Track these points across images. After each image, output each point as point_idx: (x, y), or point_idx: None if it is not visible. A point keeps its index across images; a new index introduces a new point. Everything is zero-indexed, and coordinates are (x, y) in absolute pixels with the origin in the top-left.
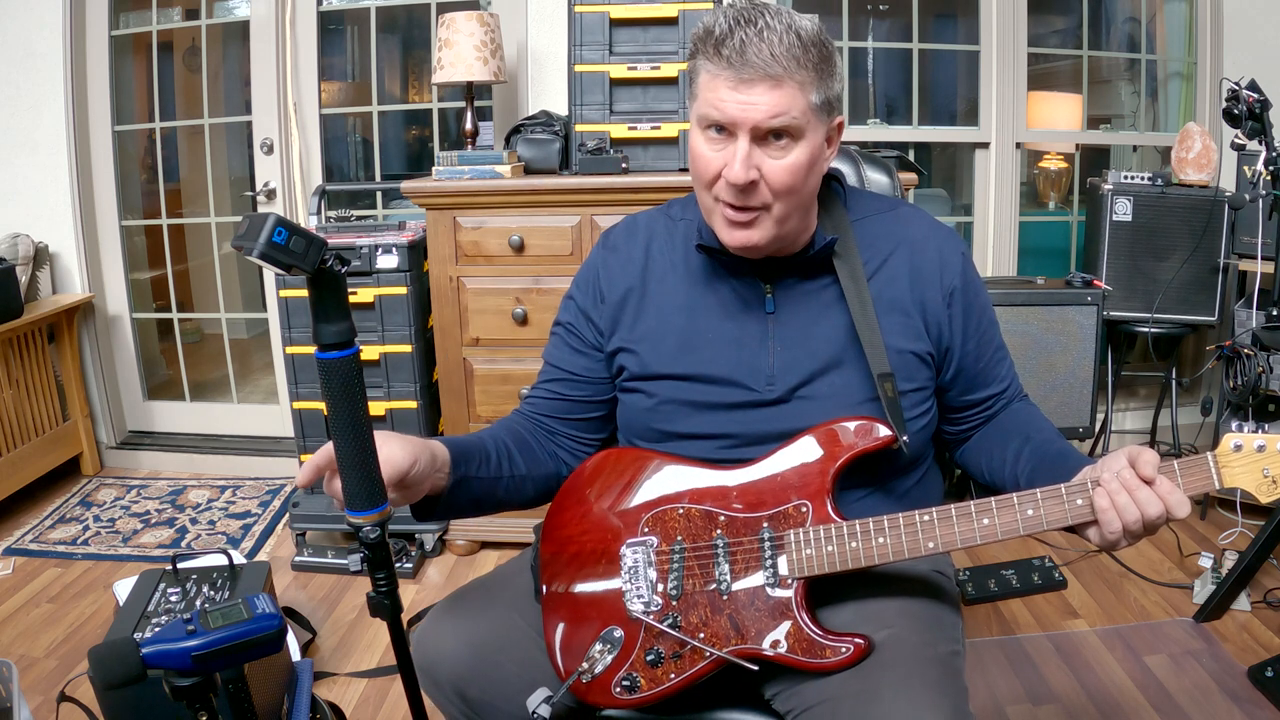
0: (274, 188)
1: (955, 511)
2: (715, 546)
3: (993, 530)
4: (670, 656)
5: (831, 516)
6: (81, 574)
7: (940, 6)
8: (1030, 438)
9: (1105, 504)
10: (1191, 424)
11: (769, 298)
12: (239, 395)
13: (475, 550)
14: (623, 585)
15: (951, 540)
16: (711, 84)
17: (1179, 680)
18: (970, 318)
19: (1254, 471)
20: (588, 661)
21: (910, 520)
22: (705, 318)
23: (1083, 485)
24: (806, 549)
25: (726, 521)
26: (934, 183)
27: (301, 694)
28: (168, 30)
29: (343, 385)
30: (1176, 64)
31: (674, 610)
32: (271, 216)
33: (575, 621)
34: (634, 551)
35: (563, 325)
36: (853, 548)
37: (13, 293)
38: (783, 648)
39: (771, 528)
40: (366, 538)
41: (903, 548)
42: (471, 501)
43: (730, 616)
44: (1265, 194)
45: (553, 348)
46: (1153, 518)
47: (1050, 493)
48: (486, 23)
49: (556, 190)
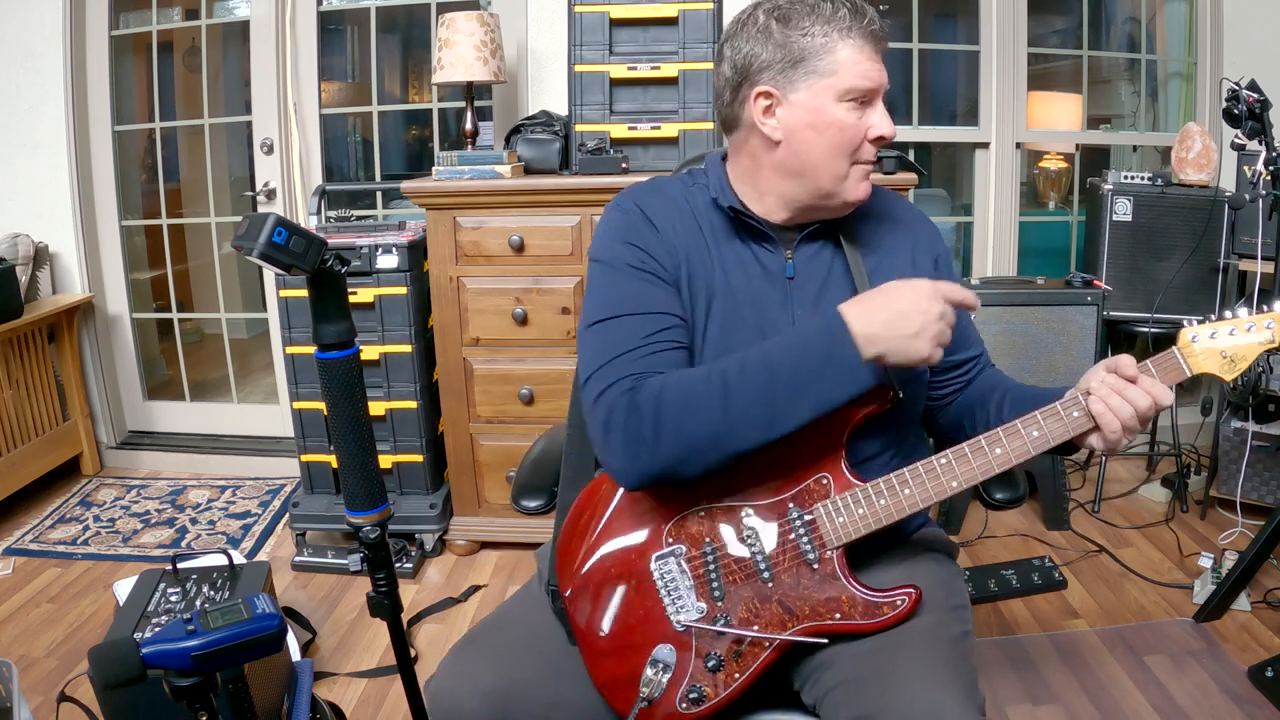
0: (274, 188)
1: (969, 448)
2: (746, 537)
3: (1006, 457)
4: (730, 657)
5: (853, 482)
6: (81, 574)
7: (940, 6)
8: (1008, 389)
9: (1101, 408)
10: (1192, 424)
11: (789, 263)
12: (239, 395)
13: (475, 550)
14: (662, 600)
15: (971, 475)
16: (856, 57)
17: (1179, 680)
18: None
19: (1214, 356)
20: (646, 687)
21: (930, 466)
22: (738, 275)
23: (1075, 399)
24: (839, 517)
25: (751, 511)
26: (934, 183)
27: (301, 694)
28: (168, 30)
29: (343, 385)
30: (1176, 64)
31: (721, 611)
32: (271, 216)
33: (620, 652)
34: (664, 564)
35: (634, 269)
36: (883, 505)
37: (13, 293)
38: (840, 615)
39: (798, 505)
40: (366, 538)
41: (929, 493)
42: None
43: (780, 601)
44: (1265, 194)
45: (648, 294)
46: (1144, 410)
47: (1048, 412)
48: (486, 23)
49: (556, 190)
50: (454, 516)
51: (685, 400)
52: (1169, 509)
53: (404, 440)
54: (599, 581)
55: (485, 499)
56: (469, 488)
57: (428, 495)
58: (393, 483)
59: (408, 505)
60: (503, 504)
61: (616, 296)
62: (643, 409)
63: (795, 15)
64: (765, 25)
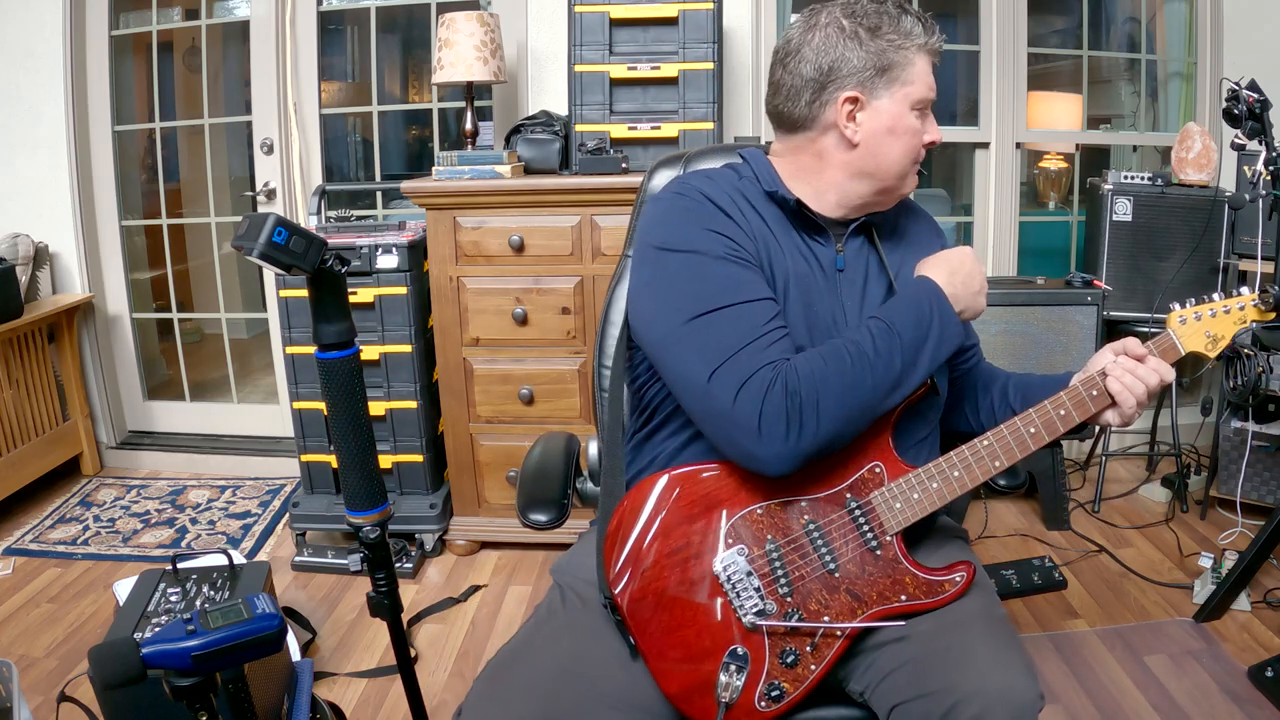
0: (274, 188)
1: (1006, 430)
2: (808, 532)
3: (1040, 435)
4: (806, 651)
5: (904, 468)
6: (81, 574)
7: (940, 6)
8: (1009, 378)
9: (1118, 386)
10: (1192, 424)
11: (840, 256)
12: (239, 395)
13: (475, 550)
14: (731, 602)
15: (1012, 454)
16: (925, 69)
17: (1179, 680)
18: None
19: (1199, 335)
20: (724, 691)
21: (974, 449)
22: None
23: (1092, 379)
24: (896, 503)
25: (809, 506)
26: (934, 183)
27: (301, 694)
28: (168, 30)
29: (343, 385)
30: (1176, 64)
31: (791, 606)
32: (271, 216)
33: (691, 659)
34: (729, 566)
35: (731, 259)
36: (935, 488)
37: (13, 293)
38: (905, 598)
39: (855, 495)
40: (366, 538)
41: (977, 474)
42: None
43: (848, 590)
44: (1265, 194)
45: (750, 282)
46: (1154, 386)
47: (1071, 392)
48: (486, 23)
49: (556, 190)
50: (454, 516)
51: (837, 375)
52: (1169, 509)
53: (404, 440)
54: (659, 590)
55: (485, 499)
56: (469, 488)
57: (428, 495)
58: (393, 483)
59: (408, 505)
60: (503, 504)
61: (715, 286)
62: (802, 392)
63: (884, 26)
64: (853, 32)
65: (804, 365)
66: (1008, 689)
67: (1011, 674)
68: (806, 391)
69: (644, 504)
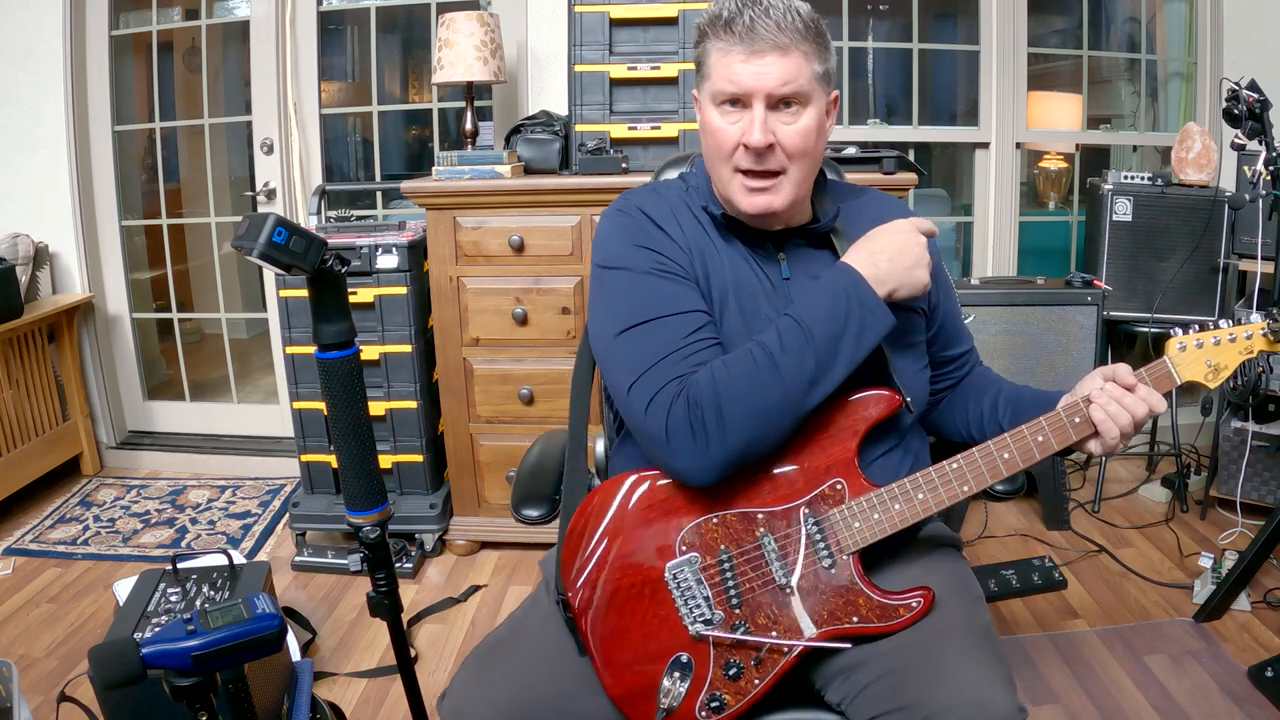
0: (274, 188)
1: (978, 453)
2: (762, 545)
3: (1014, 461)
4: (751, 665)
5: (867, 487)
6: (81, 574)
7: (940, 6)
8: (1001, 389)
9: (1101, 415)
10: (1192, 424)
11: (783, 264)
12: (239, 395)
13: (475, 550)
14: (678, 609)
15: (981, 479)
16: (724, 60)
17: (1179, 680)
18: (942, 279)
19: (1199, 364)
20: (664, 697)
21: (941, 471)
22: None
23: (1075, 405)
24: (855, 522)
25: (766, 518)
26: (934, 183)
27: (301, 694)
28: (168, 30)
29: (343, 385)
30: (1176, 64)
31: (740, 618)
32: (271, 216)
33: (636, 662)
34: (679, 573)
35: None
36: (897, 510)
37: (13, 293)
38: (856, 620)
39: (813, 511)
40: (366, 538)
41: (943, 498)
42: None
43: (798, 607)
44: (1265, 194)
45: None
46: (1141, 417)
47: (1052, 418)
48: (486, 23)
49: (556, 190)
50: (454, 516)
51: (739, 381)
52: (1169, 509)
53: (404, 440)
54: (611, 591)
55: (485, 499)
56: (469, 488)
57: (428, 495)
58: (393, 483)
59: (408, 505)
60: (503, 504)
61: (643, 300)
62: (702, 402)
63: (708, 19)
64: (697, 25)
65: (706, 375)
66: (984, 703)
67: (989, 687)
68: (708, 401)
69: (609, 504)
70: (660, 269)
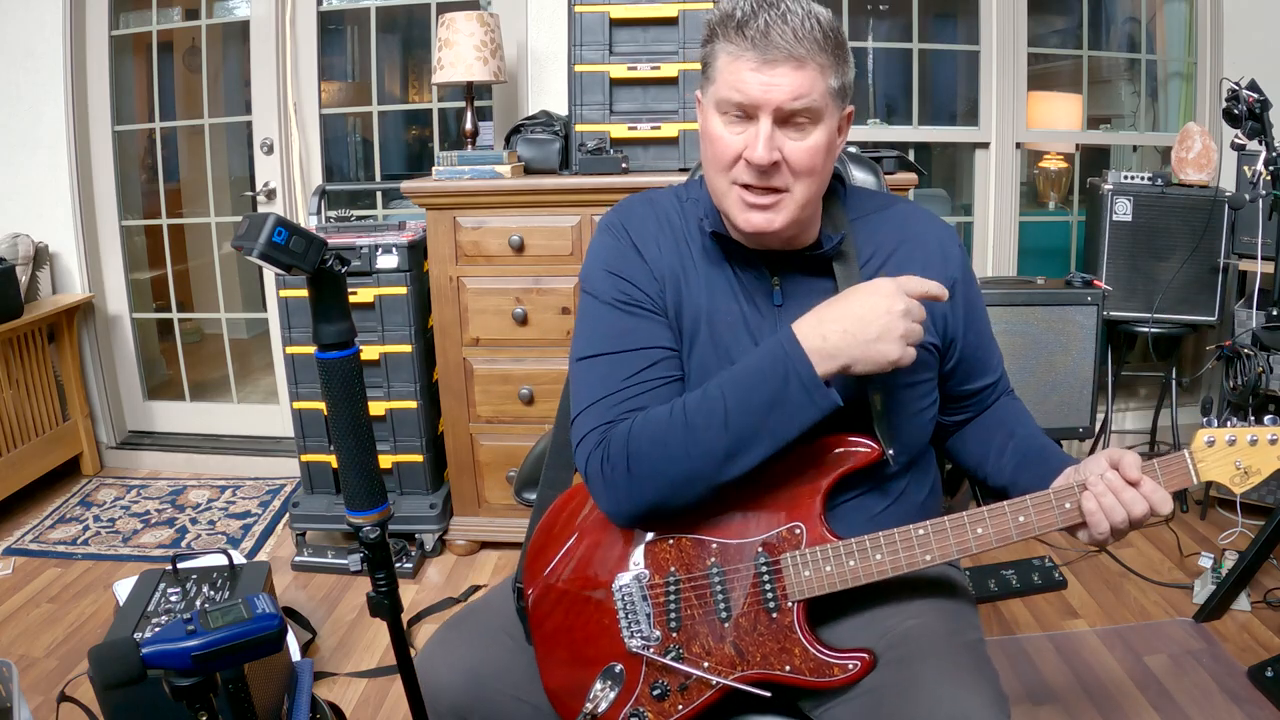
0: (274, 188)
1: (949, 523)
2: (710, 575)
3: (986, 539)
4: (676, 689)
5: (826, 536)
6: (81, 574)
7: (940, 6)
8: (1014, 433)
9: (1093, 506)
10: (1191, 424)
11: (776, 290)
12: (239, 395)
13: (475, 550)
14: (619, 621)
15: (947, 551)
16: (733, 66)
17: (1179, 680)
18: (970, 309)
19: (1227, 464)
20: (590, 701)
21: (906, 535)
22: (723, 298)
23: (1070, 489)
24: (805, 570)
25: (719, 549)
26: (934, 183)
27: (301, 694)
28: (168, 30)
29: (343, 385)
30: (1176, 64)
31: (675, 642)
32: (271, 216)
33: (573, 661)
34: (625, 586)
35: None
36: (850, 566)
37: (13, 293)
38: (789, 669)
39: (766, 552)
40: (366, 538)
41: (900, 563)
42: None
43: (734, 643)
44: (1265, 194)
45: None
46: (1138, 516)
47: (1040, 499)
48: (486, 23)
49: (556, 190)
50: (454, 516)
51: (651, 443)
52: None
53: (404, 440)
54: (562, 590)
55: (485, 499)
56: (469, 488)
57: (428, 495)
58: (393, 483)
59: (408, 505)
60: (503, 504)
61: (600, 332)
62: (614, 457)
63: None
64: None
65: (624, 430)
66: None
67: (969, 698)
68: (618, 458)
69: (573, 504)
70: (621, 300)
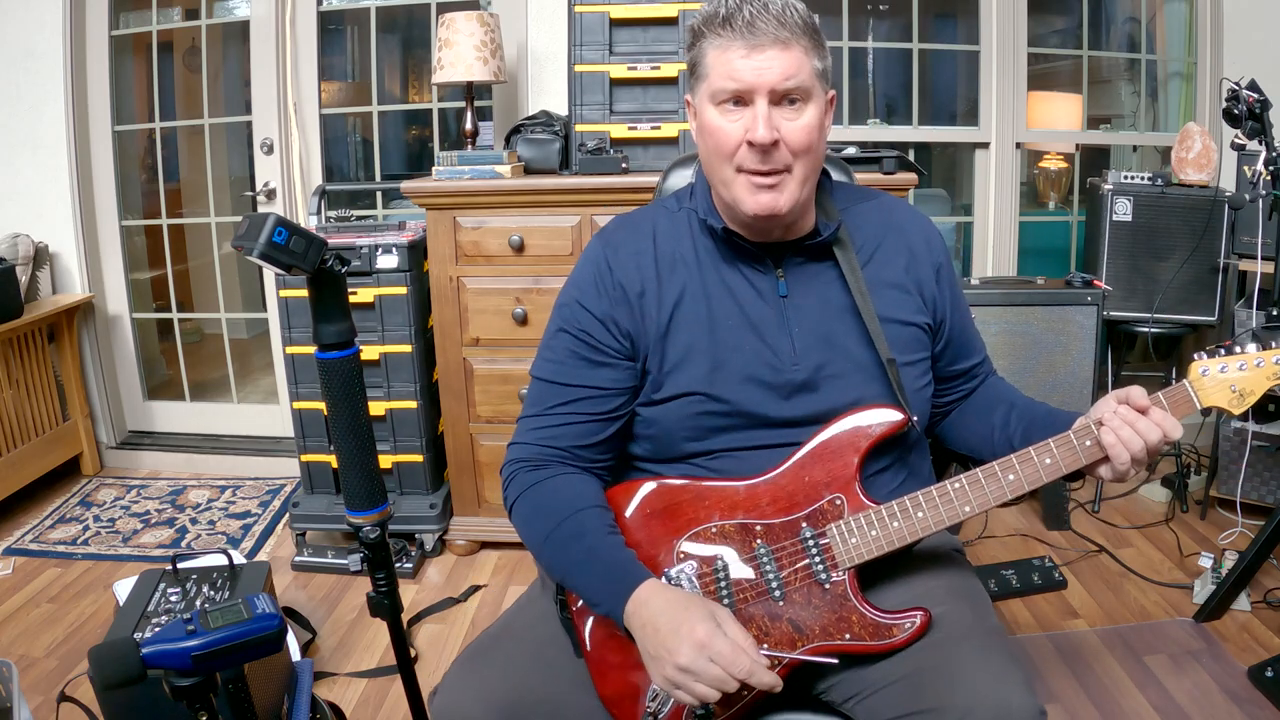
0: (274, 188)
1: (983, 474)
2: (759, 556)
3: (1019, 483)
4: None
5: (866, 503)
6: (81, 574)
7: (940, 6)
8: (1015, 404)
9: (1112, 439)
10: (1191, 424)
11: (781, 281)
12: (239, 395)
13: (475, 550)
14: None
15: (984, 500)
16: (723, 57)
17: (1179, 680)
18: (954, 290)
19: (1223, 389)
20: (653, 702)
21: (943, 491)
22: (722, 304)
23: (1087, 428)
24: (852, 538)
25: (764, 530)
26: (934, 183)
27: (301, 694)
28: (168, 30)
29: (343, 385)
30: (1176, 64)
31: None
32: (271, 216)
33: (627, 666)
34: (675, 580)
35: (571, 335)
36: (895, 527)
37: (13, 293)
38: (849, 637)
39: (811, 526)
40: (366, 538)
41: (943, 517)
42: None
43: (790, 620)
44: (1265, 194)
45: (562, 365)
46: (1155, 443)
47: (1061, 441)
48: (486, 23)
49: (556, 190)
50: (454, 516)
51: (525, 517)
52: (1169, 509)
53: (404, 440)
54: None
55: (485, 499)
56: (469, 488)
57: (428, 495)
58: (393, 483)
59: (408, 505)
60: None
61: (547, 357)
62: (509, 492)
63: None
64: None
65: (523, 482)
66: (1003, 705)
67: (1007, 690)
68: (510, 495)
69: (621, 508)
70: (578, 335)
